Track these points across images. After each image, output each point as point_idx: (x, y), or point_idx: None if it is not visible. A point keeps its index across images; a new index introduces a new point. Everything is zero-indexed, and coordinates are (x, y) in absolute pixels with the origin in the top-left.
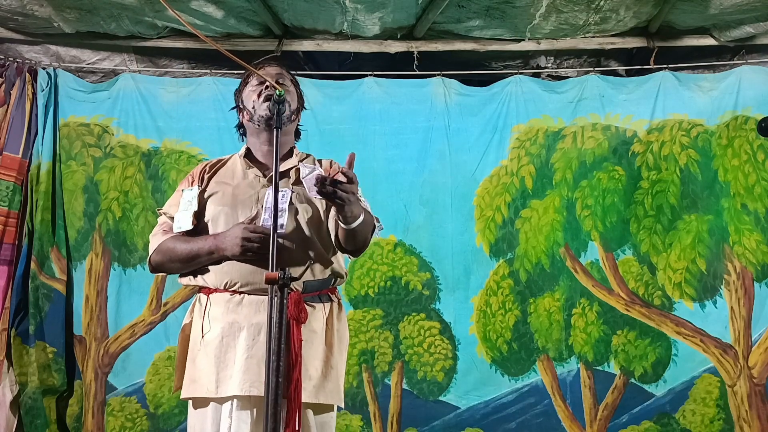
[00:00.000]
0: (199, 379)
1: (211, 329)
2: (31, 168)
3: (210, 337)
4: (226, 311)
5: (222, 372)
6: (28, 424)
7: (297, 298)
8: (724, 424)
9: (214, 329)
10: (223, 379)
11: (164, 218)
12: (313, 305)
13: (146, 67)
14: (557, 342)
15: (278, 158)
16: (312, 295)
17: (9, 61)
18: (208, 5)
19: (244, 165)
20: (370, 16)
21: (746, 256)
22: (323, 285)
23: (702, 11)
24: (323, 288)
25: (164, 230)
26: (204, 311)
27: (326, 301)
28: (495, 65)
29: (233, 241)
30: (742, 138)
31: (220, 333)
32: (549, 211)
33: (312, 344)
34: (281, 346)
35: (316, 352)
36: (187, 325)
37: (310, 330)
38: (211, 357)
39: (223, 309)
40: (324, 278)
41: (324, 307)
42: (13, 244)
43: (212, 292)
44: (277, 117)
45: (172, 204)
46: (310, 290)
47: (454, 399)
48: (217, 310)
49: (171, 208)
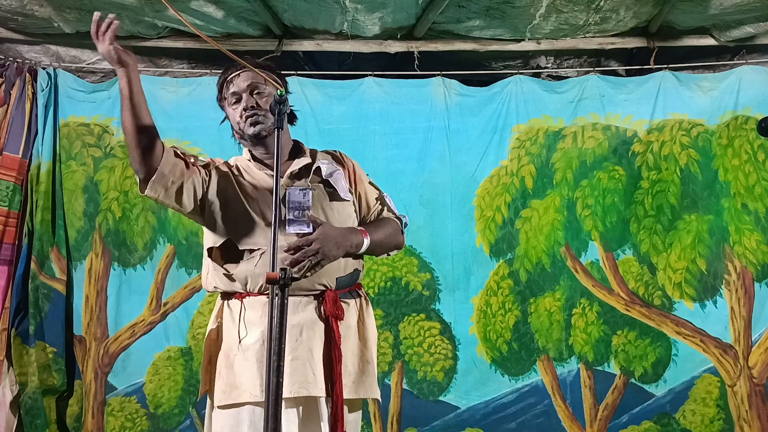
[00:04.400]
0: (240, 385)
1: (248, 334)
2: (31, 168)
3: (248, 342)
4: (263, 315)
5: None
6: (28, 424)
7: (334, 296)
8: (724, 424)
9: (252, 334)
10: None
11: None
12: (347, 302)
13: (146, 67)
14: (557, 342)
15: (279, 158)
16: (344, 291)
17: (9, 61)
18: (208, 5)
19: (256, 167)
20: (370, 16)
21: (746, 256)
22: (352, 280)
23: (702, 11)
24: (352, 283)
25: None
26: (239, 317)
27: (356, 297)
28: (495, 65)
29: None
30: (742, 138)
31: (260, 337)
32: (549, 211)
33: (348, 340)
34: (281, 346)
35: (352, 348)
36: (213, 330)
37: (346, 326)
38: (253, 361)
39: (260, 313)
40: (351, 273)
41: (355, 303)
42: (13, 244)
43: (245, 296)
44: (278, 117)
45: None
46: (342, 286)
47: (454, 399)
48: (253, 314)
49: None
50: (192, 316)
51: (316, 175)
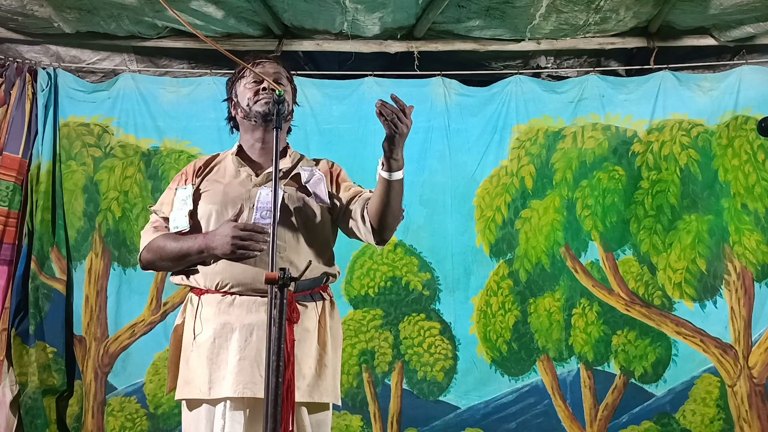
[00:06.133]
0: (192, 381)
1: (203, 330)
2: (31, 168)
3: (202, 339)
4: (218, 312)
5: (215, 373)
6: (28, 424)
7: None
8: (724, 424)
9: (206, 330)
10: (216, 381)
11: (155, 216)
12: (305, 304)
13: (146, 67)
14: (557, 342)
15: (278, 157)
16: (303, 294)
17: (9, 61)
18: (208, 5)
19: (237, 163)
20: (370, 16)
21: (746, 256)
22: (315, 283)
23: (702, 11)
24: (315, 286)
25: (155, 227)
26: (196, 312)
27: (318, 300)
28: (495, 65)
29: (223, 239)
30: (742, 138)
31: (213, 334)
32: (549, 211)
33: (305, 343)
34: (281, 346)
35: (309, 351)
36: (179, 325)
37: (303, 329)
38: (204, 358)
39: (214, 310)
40: (316, 277)
41: (316, 306)
42: (13, 244)
43: (203, 293)
44: (277, 117)
45: (164, 202)
46: (302, 289)
47: (454, 399)
48: (208, 310)
49: (163, 207)
50: None
51: (294, 180)
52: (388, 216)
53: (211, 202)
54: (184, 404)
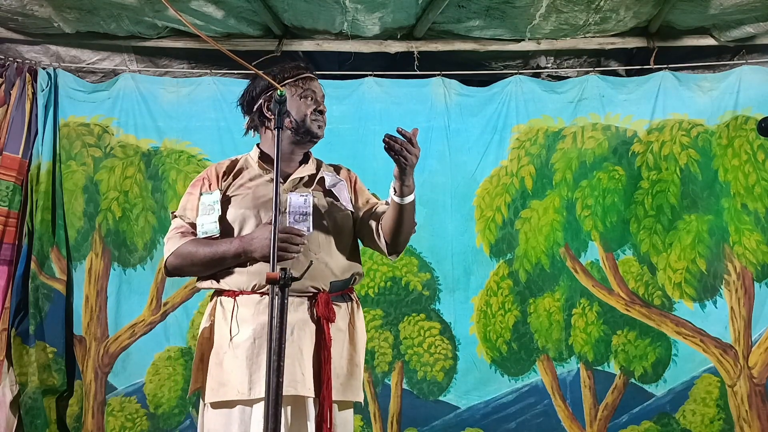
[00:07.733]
0: (228, 382)
1: (239, 331)
2: (31, 168)
3: (239, 340)
4: (256, 313)
5: (255, 374)
6: (28, 424)
7: (326, 299)
8: (724, 424)
9: (243, 331)
10: (257, 381)
11: (180, 221)
12: (338, 305)
13: (146, 67)
14: (557, 342)
15: (279, 158)
16: (336, 294)
17: (9, 61)
18: (208, 5)
19: (261, 169)
20: (370, 16)
21: (746, 256)
22: (346, 284)
23: (702, 11)
24: (345, 287)
25: (182, 233)
26: (231, 314)
27: (348, 301)
28: (495, 65)
29: (262, 242)
30: (742, 138)
31: (252, 335)
32: (549, 211)
33: (337, 343)
34: (282, 346)
35: (342, 351)
36: (207, 329)
37: (336, 329)
38: (242, 359)
39: (252, 311)
40: (347, 278)
41: (347, 306)
42: (13, 244)
43: (238, 294)
44: (278, 117)
45: (187, 207)
46: (336, 290)
47: (454, 399)
48: (245, 312)
49: (187, 212)
50: (192, 316)
51: (319, 185)
52: (401, 235)
53: (243, 206)
54: (207, 405)
